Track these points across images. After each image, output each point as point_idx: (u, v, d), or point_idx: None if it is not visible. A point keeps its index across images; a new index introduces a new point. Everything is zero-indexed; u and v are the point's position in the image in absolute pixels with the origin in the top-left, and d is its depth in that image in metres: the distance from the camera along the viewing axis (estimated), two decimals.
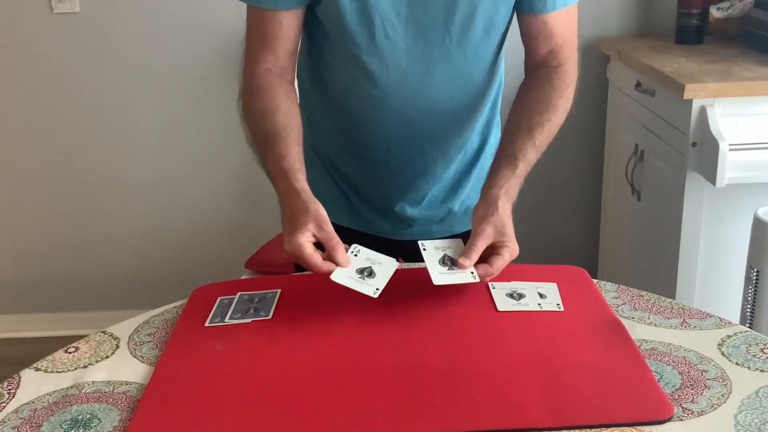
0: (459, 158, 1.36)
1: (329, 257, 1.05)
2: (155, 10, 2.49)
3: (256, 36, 1.24)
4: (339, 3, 1.16)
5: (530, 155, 1.18)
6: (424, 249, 1.10)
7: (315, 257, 1.04)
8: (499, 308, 1.08)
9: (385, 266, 1.08)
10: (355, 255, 1.08)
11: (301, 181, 1.11)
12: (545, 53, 1.27)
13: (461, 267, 1.06)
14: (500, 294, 1.11)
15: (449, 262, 1.08)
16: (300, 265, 1.07)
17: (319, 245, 1.06)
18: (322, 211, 1.07)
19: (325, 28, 1.23)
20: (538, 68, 1.28)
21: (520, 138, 1.19)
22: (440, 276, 1.06)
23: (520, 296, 1.10)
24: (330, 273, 1.04)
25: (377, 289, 1.04)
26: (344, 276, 1.04)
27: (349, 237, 1.16)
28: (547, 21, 1.24)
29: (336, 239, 1.06)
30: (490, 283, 1.13)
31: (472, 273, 1.06)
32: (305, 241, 1.04)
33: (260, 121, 1.19)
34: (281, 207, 1.11)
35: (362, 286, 1.04)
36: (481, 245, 1.09)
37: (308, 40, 1.30)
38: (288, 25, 1.22)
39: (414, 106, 1.26)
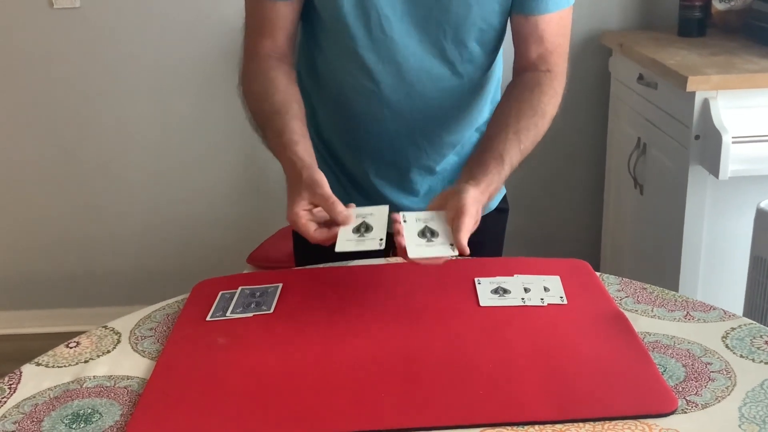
0: (457, 153, 1.36)
1: (329, 212, 1.04)
2: (156, 6, 2.48)
3: (255, 24, 1.25)
4: None
5: (514, 159, 1.16)
6: (405, 221, 1.05)
7: (308, 227, 1.04)
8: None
9: (377, 215, 1.06)
10: None
11: (299, 152, 1.10)
12: (535, 57, 1.24)
13: (462, 251, 1.01)
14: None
15: (429, 234, 1.04)
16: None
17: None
18: (317, 175, 1.05)
19: (323, 20, 1.23)
20: (528, 71, 1.25)
21: (508, 140, 1.16)
22: (417, 249, 1.02)
23: (525, 290, 1.10)
24: (323, 241, 1.03)
25: (381, 240, 1.02)
26: (346, 242, 1.02)
27: None
28: (538, 23, 1.22)
29: (332, 198, 1.04)
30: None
31: (452, 245, 1.01)
32: (300, 210, 1.04)
33: (260, 104, 1.20)
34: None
35: (365, 243, 1.02)
36: (471, 226, 1.04)
37: (306, 31, 1.30)
38: (286, 15, 1.23)
39: (408, 101, 1.26)
